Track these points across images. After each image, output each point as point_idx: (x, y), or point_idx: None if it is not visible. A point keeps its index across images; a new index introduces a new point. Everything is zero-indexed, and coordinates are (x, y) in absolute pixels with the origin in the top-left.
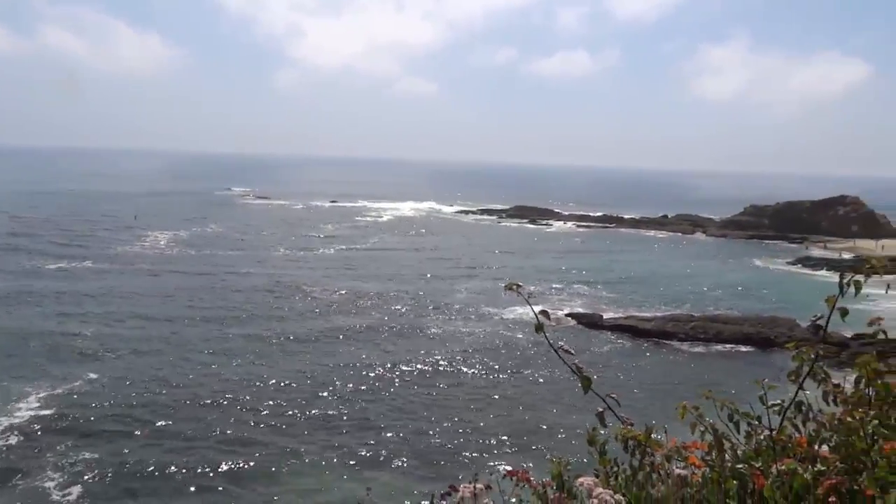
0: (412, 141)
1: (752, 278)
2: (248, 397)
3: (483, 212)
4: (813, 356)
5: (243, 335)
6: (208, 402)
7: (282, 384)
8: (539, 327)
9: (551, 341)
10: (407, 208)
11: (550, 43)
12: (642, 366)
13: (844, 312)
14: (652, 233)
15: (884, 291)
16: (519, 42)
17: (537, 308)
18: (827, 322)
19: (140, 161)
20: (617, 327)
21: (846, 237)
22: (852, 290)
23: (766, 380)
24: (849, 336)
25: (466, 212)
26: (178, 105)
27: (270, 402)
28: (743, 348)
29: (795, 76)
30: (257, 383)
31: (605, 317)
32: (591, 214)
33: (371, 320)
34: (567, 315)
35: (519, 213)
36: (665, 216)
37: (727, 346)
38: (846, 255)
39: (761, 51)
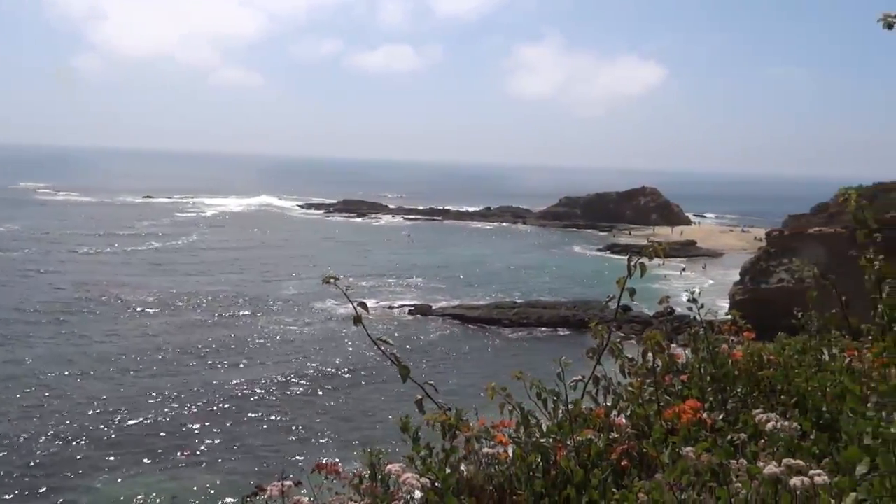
0: (235, 134)
1: (571, 264)
2: (46, 421)
3: (311, 206)
4: (607, 334)
5: (39, 353)
6: None
7: (87, 398)
8: (357, 320)
9: (371, 333)
10: (232, 203)
11: (375, 37)
12: (468, 352)
13: (632, 292)
14: (478, 224)
15: (678, 273)
16: (343, 34)
17: (369, 301)
18: (619, 301)
19: None
20: (446, 316)
21: (647, 224)
22: (676, 272)
23: (564, 357)
24: (651, 314)
25: (295, 207)
26: None
27: (76, 420)
28: (561, 331)
29: (602, 77)
30: (57, 402)
31: (434, 307)
32: (419, 207)
33: (190, 322)
34: (398, 306)
35: (347, 207)
36: (488, 208)
37: (546, 329)
38: (654, 241)
39: (572, 52)
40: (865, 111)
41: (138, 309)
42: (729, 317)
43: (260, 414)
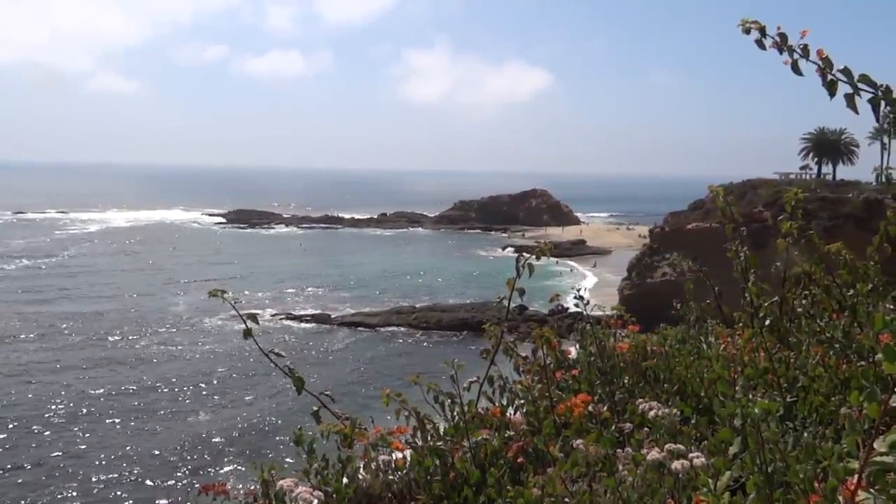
0: (116, 144)
1: (469, 267)
2: None
3: (202, 217)
4: (500, 334)
5: None
6: None
7: None
8: (247, 332)
9: (267, 345)
10: (115, 217)
11: (262, 42)
12: (368, 359)
13: (522, 291)
14: (375, 231)
15: (570, 271)
16: (229, 40)
17: (265, 313)
18: (509, 301)
19: None
20: (345, 324)
21: (539, 225)
22: (570, 271)
23: (455, 359)
24: (546, 313)
25: (183, 219)
26: None
27: None
28: (460, 334)
29: (492, 82)
30: None
31: (333, 315)
32: (313, 216)
33: (70, 348)
34: (296, 317)
35: (239, 217)
36: (384, 214)
37: (446, 332)
38: (545, 241)
39: (461, 58)
40: (739, 115)
41: (7, 338)
42: (616, 312)
43: (156, 442)
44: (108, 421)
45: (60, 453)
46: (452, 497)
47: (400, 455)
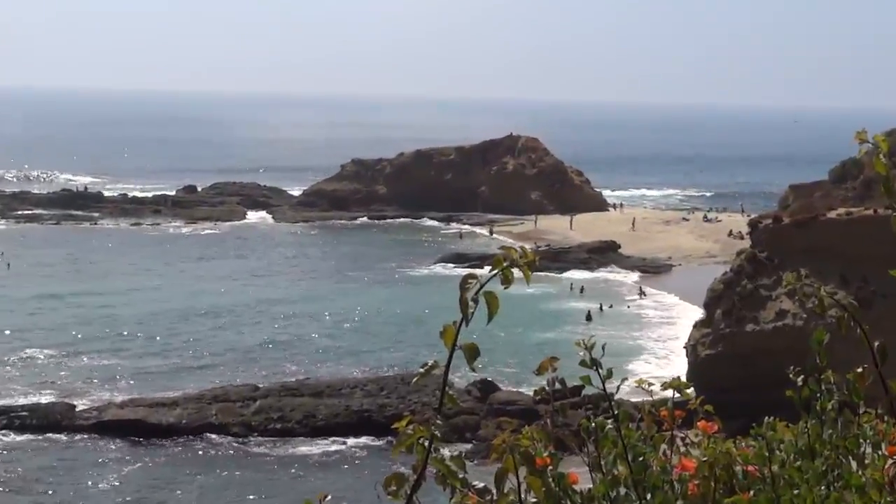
0: None
1: (371, 300)
2: None
3: None
4: (429, 441)
5: None
6: None
7: None
8: None
9: None
10: None
11: None
12: (155, 501)
13: (473, 353)
14: (167, 225)
15: (599, 308)
16: None
17: None
18: (446, 373)
19: None
20: (107, 426)
21: (524, 213)
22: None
23: (329, 496)
24: (533, 395)
25: None
26: None
27: None
28: (346, 441)
29: None
30: None
31: (79, 407)
32: (36, 192)
33: None
34: None
35: None
36: (193, 189)
37: (320, 441)
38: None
39: None
40: None
41: None
42: (676, 393)
43: None
44: None
45: None
46: None
47: None
